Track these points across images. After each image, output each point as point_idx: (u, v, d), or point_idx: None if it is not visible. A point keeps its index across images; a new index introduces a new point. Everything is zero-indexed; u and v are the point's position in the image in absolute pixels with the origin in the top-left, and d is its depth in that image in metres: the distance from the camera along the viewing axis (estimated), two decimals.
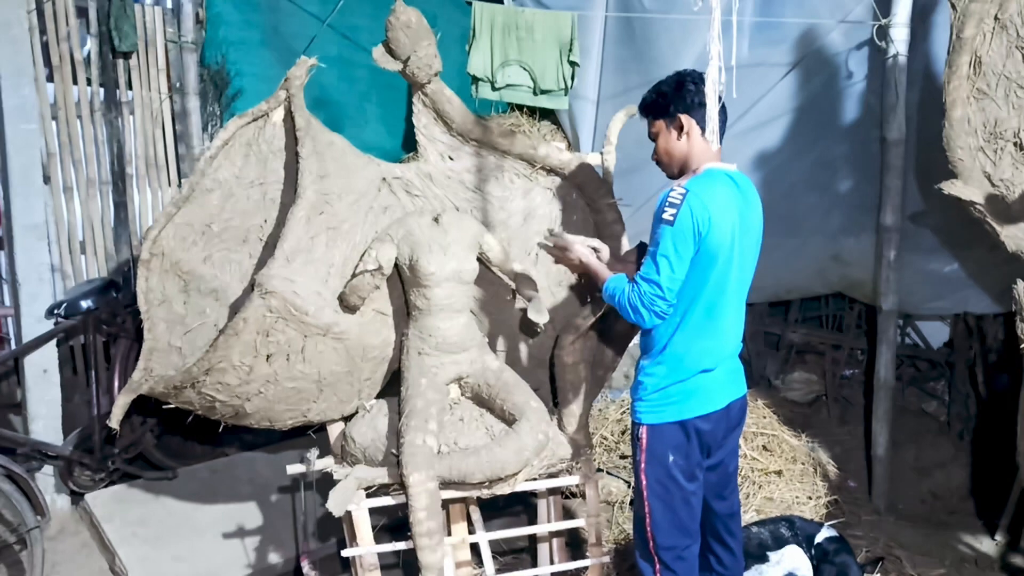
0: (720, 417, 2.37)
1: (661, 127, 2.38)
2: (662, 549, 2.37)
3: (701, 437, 2.35)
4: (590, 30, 4.67)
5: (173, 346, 2.89)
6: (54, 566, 3.28)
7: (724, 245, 2.23)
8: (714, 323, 2.30)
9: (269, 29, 4.35)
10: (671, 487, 2.35)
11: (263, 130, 2.85)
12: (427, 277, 2.68)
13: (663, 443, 2.34)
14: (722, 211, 2.22)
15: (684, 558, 2.39)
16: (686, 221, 2.18)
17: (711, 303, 2.28)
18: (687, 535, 2.39)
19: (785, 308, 5.17)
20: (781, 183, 4.42)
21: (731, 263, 2.27)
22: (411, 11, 2.74)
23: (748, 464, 3.75)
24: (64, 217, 3.88)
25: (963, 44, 3.07)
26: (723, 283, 2.28)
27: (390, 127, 4.85)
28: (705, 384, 2.34)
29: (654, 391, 2.34)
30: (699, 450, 2.37)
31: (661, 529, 2.36)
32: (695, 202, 2.19)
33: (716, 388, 2.36)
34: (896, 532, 3.85)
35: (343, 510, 2.56)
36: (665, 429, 2.34)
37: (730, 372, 2.41)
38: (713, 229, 2.20)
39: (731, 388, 2.41)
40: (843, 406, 4.93)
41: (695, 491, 2.38)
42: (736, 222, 2.26)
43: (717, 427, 2.38)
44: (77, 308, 3.47)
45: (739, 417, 2.47)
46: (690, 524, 2.39)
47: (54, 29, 3.79)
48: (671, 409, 2.33)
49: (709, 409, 2.34)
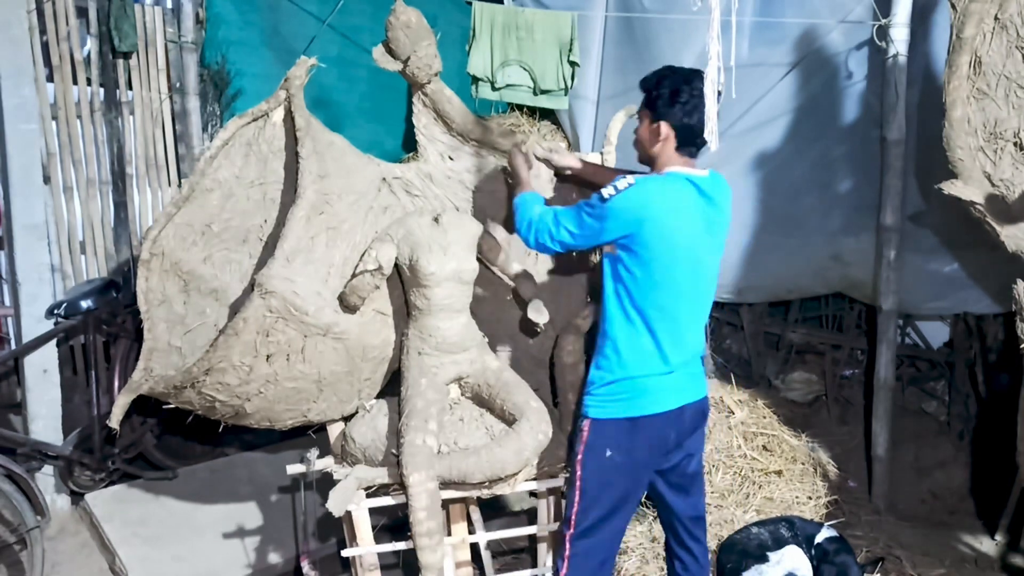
0: (671, 419, 2.36)
1: (646, 116, 2.40)
2: (576, 539, 2.38)
3: (647, 437, 2.34)
4: (590, 30, 4.67)
5: (173, 346, 2.89)
6: (54, 566, 3.28)
7: (675, 247, 2.26)
8: (668, 324, 2.31)
9: (269, 29, 4.35)
10: (604, 482, 2.36)
11: (263, 130, 2.84)
12: (427, 277, 2.68)
13: (603, 438, 2.35)
14: (670, 214, 2.25)
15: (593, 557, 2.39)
16: (617, 206, 2.24)
17: (664, 304, 2.29)
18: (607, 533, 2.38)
19: (785, 308, 5.17)
20: (781, 183, 4.42)
21: (686, 266, 2.29)
22: (411, 11, 2.74)
23: (748, 464, 3.75)
24: (64, 217, 3.88)
25: (963, 44, 3.07)
26: (677, 285, 2.29)
27: (390, 127, 4.85)
28: (656, 385, 2.34)
29: (602, 385, 2.36)
30: (645, 450, 2.36)
31: (582, 523, 2.38)
32: (635, 197, 2.24)
33: (668, 390, 2.35)
34: (896, 532, 3.85)
35: (343, 510, 2.56)
36: (608, 425, 2.35)
37: (687, 376, 2.39)
38: (650, 229, 2.23)
39: (686, 391, 2.39)
40: (843, 406, 4.93)
41: (632, 490, 2.39)
42: (694, 227, 2.28)
43: (667, 429, 2.36)
44: (77, 308, 3.47)
45: (696, 421, 2.44)
46: (619, 524, 2.40)
47: (54, 29, 3.79)
48: (617, 406, 2.34)
49: (657, 410, 2.34)
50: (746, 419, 3.91)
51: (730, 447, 3.78)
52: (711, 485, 3.66)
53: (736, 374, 4.81)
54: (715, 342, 5.18)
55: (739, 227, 4.60)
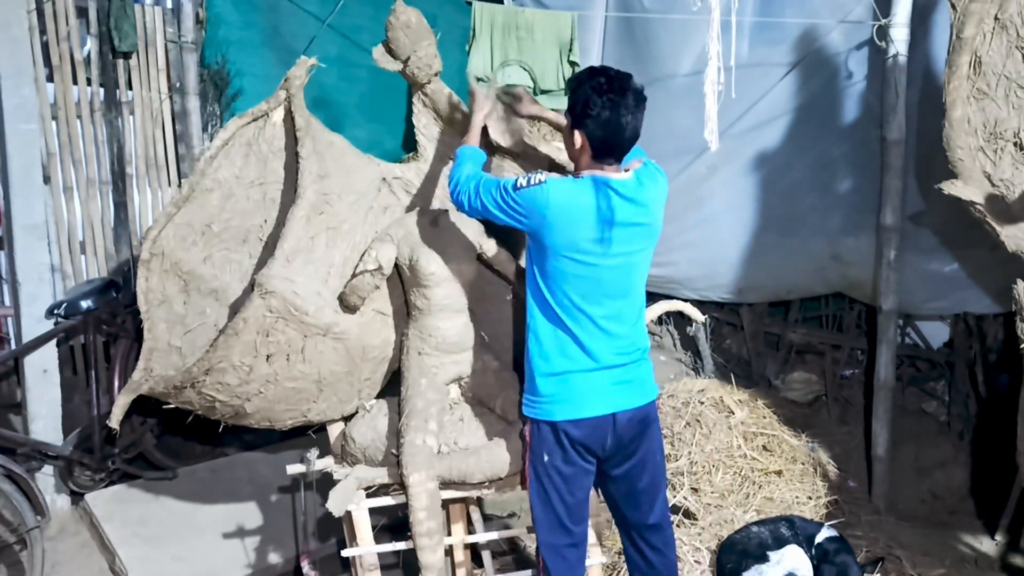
0: (600, 426, 2.32)
1: (567, 118, 2.36)
2: (543, 546, 2.41)
3: (575, 444, 2.33)
4: (590, 30, 4.68)
5: (173, 346, 2.89)
6: (54, 566, 3.28)
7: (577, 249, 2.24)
8: (584, 321, 2.30)
9: (269, 29, 4.35)
10: (548, 486, 2.37)
11: (263, 130, 2.84)
12: (427, 277, 2.68)
13: (540, 442, 2.36)
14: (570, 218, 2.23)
15: (565, 558, 2.40)
16: (522, 199, 2.26)
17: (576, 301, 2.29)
18: (567, 534, 2.39)
19: (785, 308, 5.17)
20: (781, 183, 4.42)
21: (594, 267, 2.26)
22: (411, 11, 2.74)
23: (748, 464, 3.75)
24: (64, 217, 3.88)
25: (963, 44, 3.07)
26: (593, 284, 2.28)
27: (390, 127, 4.85)
28: (583, 384, 2.31)
29: (530, 381, 2.37)
30: (580, 456, 2.34)
31: (542, 526, 2.40)
32: (539, 196, 2.24)
33: (592, 393, 2.32)
34: (896, 532, 3.85)
35: (343, 510, 2.56)
36: (541, 427, 2.36)
37: (621, 382, 2.35)
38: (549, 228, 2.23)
39: (619, 398, 2.34)
40: (843, 406, 4.93)
41: (574, 492, 2.38)
42: (603, 231, 2.25)
43: (596, 436, 2.33)
44: (77, 308, 3.47)
45: (636, 430, 2.38)
46: (571, 525, 2.40)
47: (54, 29, 3.79)
48: (543, 408, 2.35)
49: (580, 415, 2.31)
50: (746, 419, 3.91)
51: (730, 447, 3.78)
52: (711, 485, 3.66)
53: (736, 374, 4.82)
54: (715, 342, 5.18)
55: (739, 227, 4.61)
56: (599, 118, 2.22)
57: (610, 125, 2.23)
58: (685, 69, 4.41)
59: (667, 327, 5.35)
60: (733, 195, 4.58)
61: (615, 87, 2.23)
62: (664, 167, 4.74)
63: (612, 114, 2.22)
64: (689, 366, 5.16)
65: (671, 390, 4.19)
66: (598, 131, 2.24)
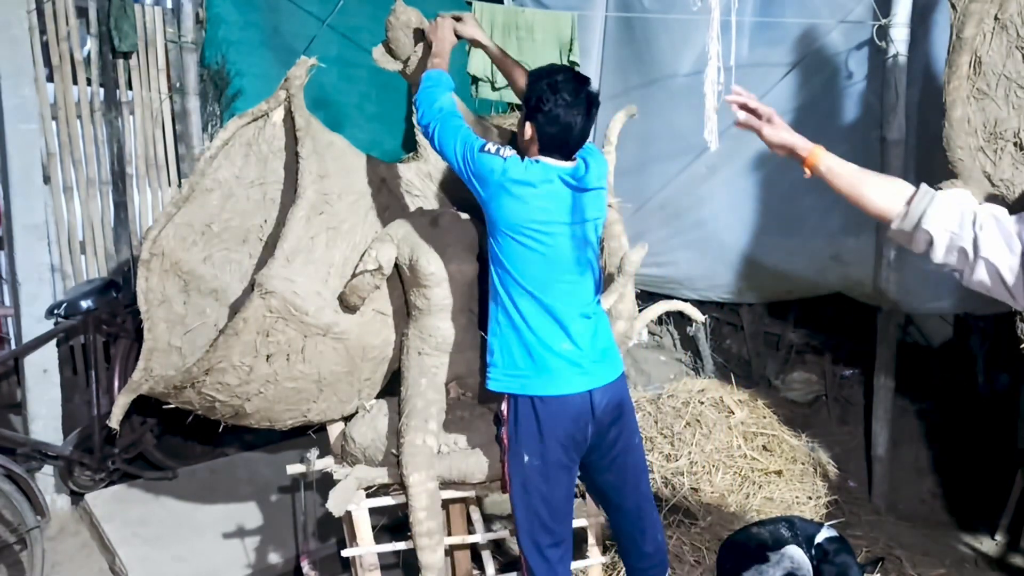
0: (580, 408, 2.34)
1: (523, 110, 2.41)
2: (524, 546, 2.41)
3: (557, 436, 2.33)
4: (590, 30, 4.68)
5: (173, 346, 2.89)
6: (54, 566, 3.28)
7: (532, 227, 2.29)
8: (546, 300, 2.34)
9: (269, 29, 4.35)
10: (529, 487, 2.37)
11: (263, 130, 2.84)
12: (427, 277, 2.68)
13: (518, 443, 2.36)
14: (529, 195, 2.29)
15: (547, 558, 2.41)
16: (481, 162, 2.32)
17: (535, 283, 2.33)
18: (548, 534, 2.40)
19: (785, 308, 5.16)
20: (781, 183, 4.42)
21: (553, 244, 2.32)
22: (411, 11, 2.74)
23: (748, 464, 3.75)
24: (64, 217, 3.88)
25: (963, 44, 3.07)
26: (549, 262, 2.32)
27: (390, 127, 4.85)
28: (552, 364, 2.33)
29: (504, 354, 2.37)
30: (564, 451, 2.35)
31: (523, 526, 2.40)
32: (497, 166, 2.30)
33: (566, 371, 2.34)
34: (896, 532, 3.85)
35: (343, 510, 2.56)
36: (520, 404, 2.35)
37: (592, 360, 2.38)
38: (504, 203, 2.29)
39: (593, 376, 2.37)
40: (843, 406, 4.92)
41: (554, 491, 2.38)
42: (560, 214, 2.31)
43: (577, 423, 2.34)
44: (77, 308, 3.47)
45: (613, 415, 2.41)
46: (553, 525, 2.40)
47: (54, 29, 3.79)
48: (519, 382, 2.35)
49: (558, 391, 2.33)
50: (746, 419, 3.91)
51: (730, 447, 3.78)
52: (711, 485, 3.66)
53: (736, 374, 4.81)
54: (715, 342, 5.18)
55: (739, 227, 4.61)
56: (550, 115, 2.29)
57: (559, 123, 2.29)
58: (685, 69, 4.41)
59: (667, 327, 5.35)
60: (733, 195, 4.57)
61: (570, 88, 2.29)
62: (664, 167, 4.74)
63: (563, 112, 2.28)
64: (689, 366, 5.16)
65: (671, 390, 4.19)
66: (548, 127, 2.30)
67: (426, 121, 2.47)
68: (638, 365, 4.97)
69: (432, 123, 2.45)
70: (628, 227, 3.04)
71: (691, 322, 4.60)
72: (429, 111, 2.47)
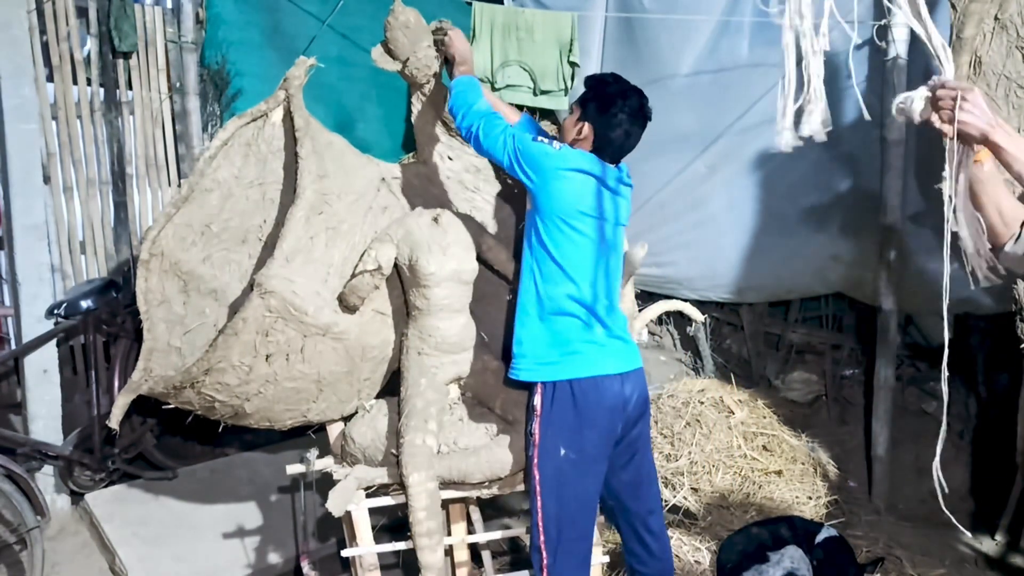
0: (615, 392, 2.37)
1: (576, 110, 2.49)
2: (550, 543, 2.40)
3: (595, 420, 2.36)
4: (590, 30, 4.68)
5: (173, 346, 2.89)
6: (54, 566, 3.28)
7: (581, 216, 2.38)
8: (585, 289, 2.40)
9: (269, 29, 4.35)
10: (562, 480, 2.38)
11: (262, 130, 2.84)
12: (426, 277, 2.68)
13: (553, 435, 2.37)
14: (582, 183, 2.38)
15: (574, 552, 2.41)
16: (537, 150, 2.38)
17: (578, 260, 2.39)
18: (575, 528, 2.40)
19: (785, 308, 5.17)
20: (781, 183, 4.42)
21: (595, 236, 2.41)
22: (410, 11, 2.74)
23: (748, 464, 3.75)
24: (64, 217, 3.88)
25: (963, 44, 3.08)
26: (595, 259, 2.40)
27: (390, 127, 4.85)
28: (587, 347, 2.38)
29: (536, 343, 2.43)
30: (600, 440, 2.37)
31: (551, 521, 2.39)
32: (553, 153, 2.37)
33: (600, 353, 2.39)
34: (896, 532, 3.85)
35: (343, 510, 2.56)
36: (557, 391, 2.37)
37: (621, 347, 2.45)
38: (557, 190, 2.36)
39: (621, 359, 2.43)
40: (843, 406, 4.93)
41: (587, 486, 2.40)
42: (608, 200, 2.42)
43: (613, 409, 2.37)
44: (77, 308, 3.47)
45: (640, 410, 2.46)
46: (582, 521, 2.41)
47: (54, 29, 3.79)
48: (554, 368, 2.39)
49: (595, 372, 2.37)
50: (746, 419, 3.91)
51: (730, 447, 3.78)
52: (711, 485, 3.66)
53: (736, 374, 4.82)
54: (715, 342, 5.18)
55: (739, 227, 4.61)
56: (614, 119, 2.40)
57: (622, 130, 2.41)
58: (685, 69, 4.41)
59: (667, 327, 5.35)
60: (733, 195, 4.57)
61: (636, 101, 2.44)
62: (664, 167, 4.75)
63: (627, 125, 2.41)
64: (689, 366, 5.16)
65: (671, 390, 4.19)
66: (609, 131, 2.41)
67: (468, 123, 2.53)
68: None
69: (474, 124, 2.51)
70: (628, 227, 3.03)
71: (691, 322, 4.60)
72: (469, 114, 2.53)
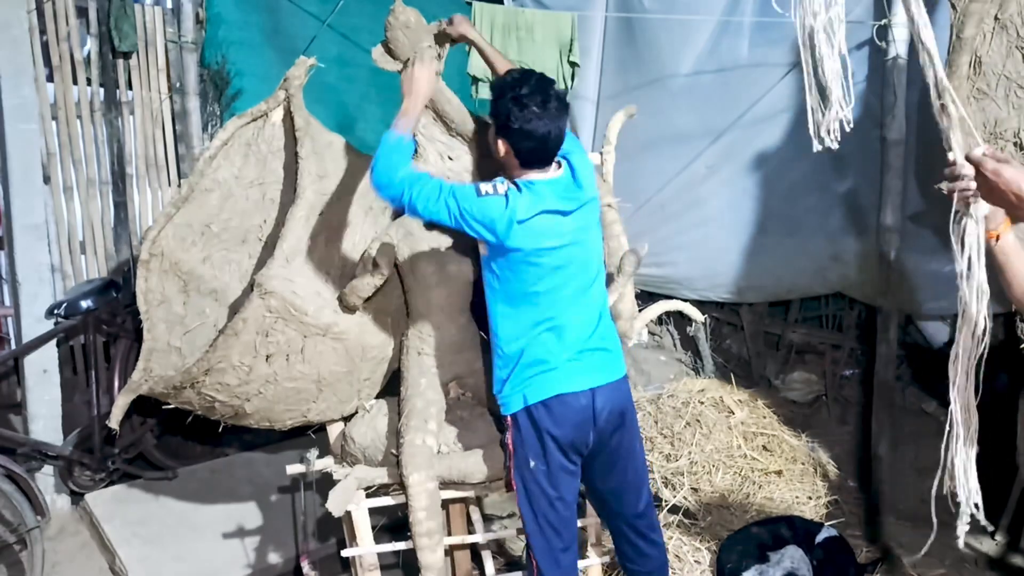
0: (582, 411, 2.32)
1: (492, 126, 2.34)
2: (537, 552, 2.41)
3: (559, 443, 2.33)
4: (590, 30, 4.67)
5: (173, 346, 2.89)
6: (54, 566, 3.28)
7: (543, 247, 2.26)
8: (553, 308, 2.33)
9: (269, 29, 4.35)
10: (535, 492, 2.37)
11: (262, 130, 2.85)
12: (427, 277, 2.68)
13: (523, 444, 2.36)
14: (537, 224, 2.24)
15: (559, 563, 2.41)
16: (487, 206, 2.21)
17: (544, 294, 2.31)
18: (559, 538, 2.40)
19: (785, 308, 5.16)
20: (781, 183, 4.42)
21: (560, 254, 2.29)
22: (410, 11, 2.74)
23: (748, 464, 3.75)
24: (64, 217, 3.88)
25: (963, 44, 3.07)
26: (556, 271, 2.30)
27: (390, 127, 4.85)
28: (556, 368, 2.32)
29: (504, 374, 2.37)
30: (564, 456, 2.35)
31: (533, 533, 2.40)
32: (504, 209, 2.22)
33: (570, 372, 2.33)
34: (896, 532, 3.84)
35: (343, 510, 2.57)
36: (520, 421, 2.34)
37: (595, 360, 2.38)
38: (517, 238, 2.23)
39: (595, 374, 2.36)
40: (843, 406, 4.93)
41: (563, 496, 2.38)
42: (563, 230, 2.28)
43: (579, 428, 2.33)
44: (77, 308, 3.47)
45: (616, 423, 2.39)
46: (562, 529, 2.40)
47: (54, 29, 3.79)
48: (518, 395, 2.34)
49: (559, 390, 2.32)
50: (746, 419, 3.91)
51: (730, 447, 3.78)
52: (711, 485, 3.66)
53: (736, 374, 4.81)
54: (715, 342, 5.18)
55: (739, 227, 4.61)
56: (522, 131, 2.22)
57: (534, 136, 2.22)
58: (685, 69, 4.40)
59: (667, 327, 5.35)
60: (733, 195, 4.57)
61: (537, 98, 2.22)
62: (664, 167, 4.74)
63: (535, 125, 2.21)
64: (689, 366, 5.16)
65: (671, 390, 4.19)
66: (523, 143, 2.24)
67: (398, 192, 2.26)
68: (638, 365, 4.97)
69: (404, 193, 2.25)
70: (628, 227, 3.04)
71: (691, 322, 4.60)
72: (396, 183, 2.26)
